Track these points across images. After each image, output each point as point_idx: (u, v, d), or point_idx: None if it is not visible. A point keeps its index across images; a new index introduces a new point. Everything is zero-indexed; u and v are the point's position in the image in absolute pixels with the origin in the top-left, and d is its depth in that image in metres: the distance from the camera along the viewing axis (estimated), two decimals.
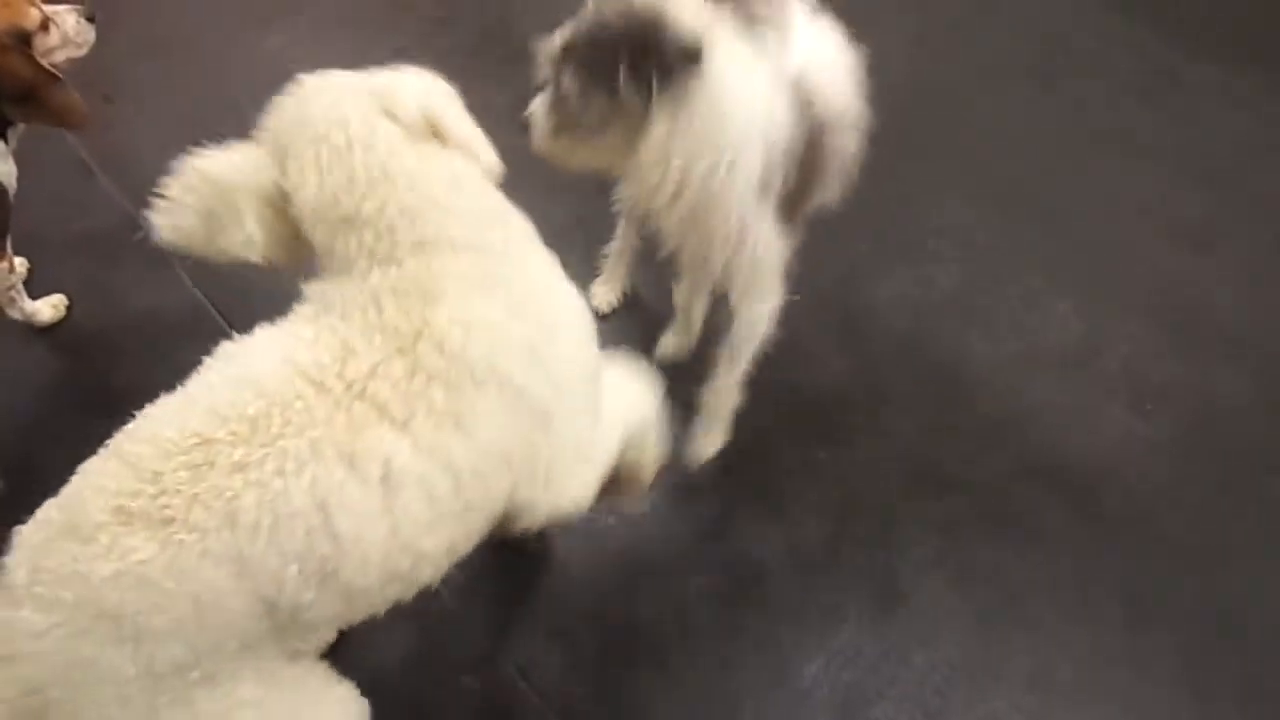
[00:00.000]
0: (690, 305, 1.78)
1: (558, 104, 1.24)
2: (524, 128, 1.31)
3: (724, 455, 1.78)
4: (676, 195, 1.23)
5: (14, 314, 1.87)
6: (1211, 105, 2.37)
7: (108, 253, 2.06)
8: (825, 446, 1.82)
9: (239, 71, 2.39)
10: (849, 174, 1.45)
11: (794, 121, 1.26)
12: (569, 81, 1.20)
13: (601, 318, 1.95)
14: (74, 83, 2.33)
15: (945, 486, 1.76)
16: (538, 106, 1.28)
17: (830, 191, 1.42)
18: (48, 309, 1.92)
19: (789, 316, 1.97)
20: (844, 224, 2.10)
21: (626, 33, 1.15)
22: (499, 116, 1.23)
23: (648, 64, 1.14)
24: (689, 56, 1.13)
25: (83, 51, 1.73)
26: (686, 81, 1.14)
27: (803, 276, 2.02)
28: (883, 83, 2.35)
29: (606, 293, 1.95)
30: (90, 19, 1.73)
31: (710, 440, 1.73)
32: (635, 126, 1.19)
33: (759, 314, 1.51)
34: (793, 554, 1.69)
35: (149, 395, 1.16)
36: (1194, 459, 1.81)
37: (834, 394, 1.89)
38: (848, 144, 1.38)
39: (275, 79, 2.44)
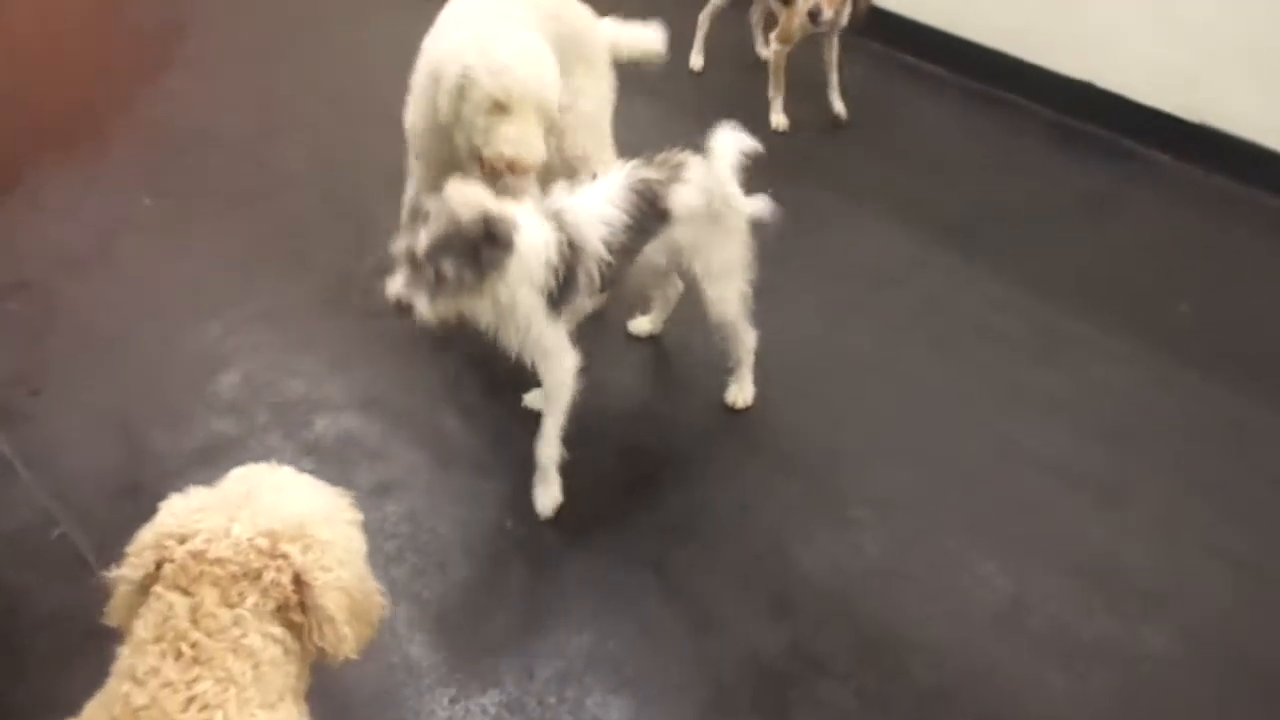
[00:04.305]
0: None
1: (436, 284, 1.84)
2: (402, 309, 1.86)
3: None
4: (507, 310, 1.96)
5: None
6: (1096, 362, 2.61)
7: (22, 551, 2.05)
8: None
9: (172, 363, 2.50)
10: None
11: (558, 247, 1.96)
12: (448, 267, 1.82)
13: None
14: (4, 380, 2.42)
15: None
16: (408, 290, 1.85)
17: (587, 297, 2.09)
18: None
19: (718, 583, 2.03)
20: (764, 493, 2.23)
21: (484, 232, 1.83)
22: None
23: (495, 249, 1.85)
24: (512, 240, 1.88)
25: None
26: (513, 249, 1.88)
27: (727, 547, 2.11)
28: (791, 356, 2.57)
29: None
30: None
31: (547, 492, 2.14)
32: (487, 282, 1.89)
33: (554, 375, 2.06)
34: None
35: (56, 706, 1.14)
36: (1132, 718, 1.84)
37: (770, 667, 1.90)
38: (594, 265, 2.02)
39: (208, 368, 2.57)
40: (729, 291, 2.25)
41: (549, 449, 2.10)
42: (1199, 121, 3.31)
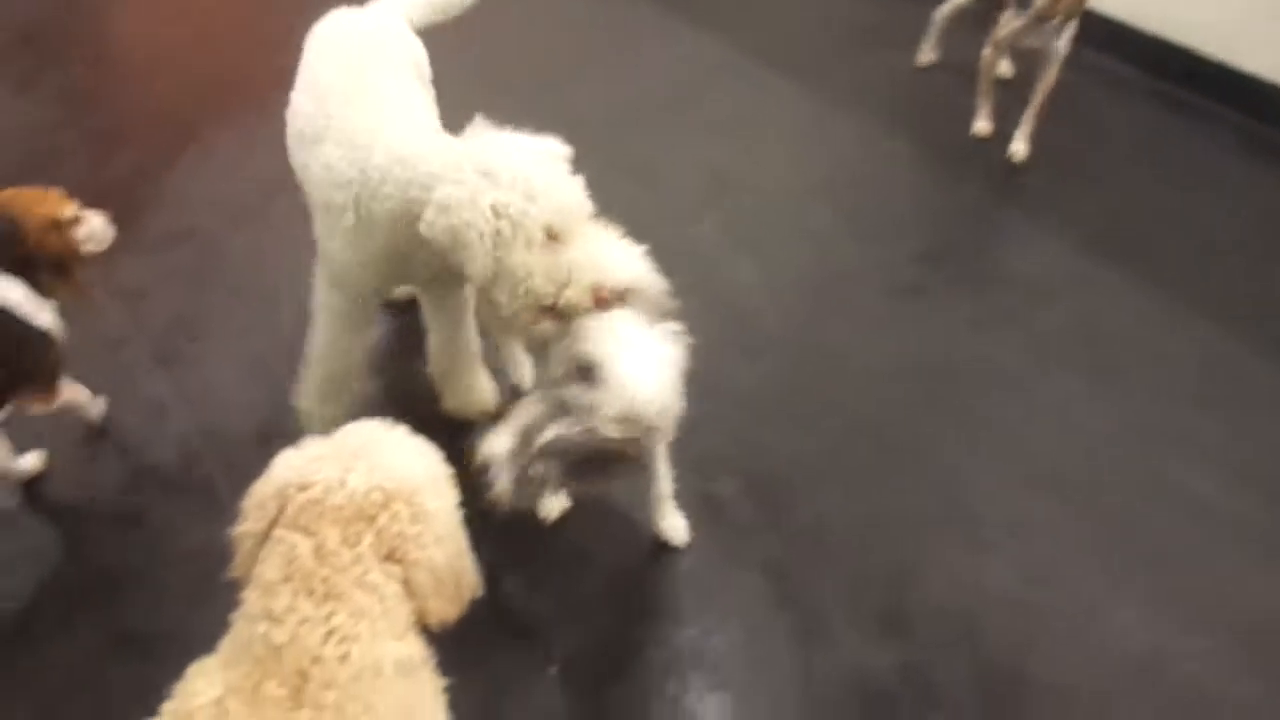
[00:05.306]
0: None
1: (529, 480, 1.55)
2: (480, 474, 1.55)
3: None
4: None
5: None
6: (1273, 403, 2.41)
7: (169, 487, 2.21)
8: None
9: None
10: None
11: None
12: (554, 472, 1.54)
13: None
14: (168, 323, 2.60)
15: None
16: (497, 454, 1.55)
17: None
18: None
19: (832, 595, 2.00)
20: (892, 505, 2.18)
21: (619, 456, 1.57)
22: None
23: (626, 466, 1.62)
24: None
25: (103, 248, 2.11)
26: None
27: (848, 558, 2.07)
28: (938, 364, 2.48)
29: None
30: (112, 223, 2.12)
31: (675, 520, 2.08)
32: None
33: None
34: None
35: (189, 640, 1.22)
36: None
37: (878, 689, 1.87)
38: None
39: None
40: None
41: (667, 486, 2.05)
42: None
